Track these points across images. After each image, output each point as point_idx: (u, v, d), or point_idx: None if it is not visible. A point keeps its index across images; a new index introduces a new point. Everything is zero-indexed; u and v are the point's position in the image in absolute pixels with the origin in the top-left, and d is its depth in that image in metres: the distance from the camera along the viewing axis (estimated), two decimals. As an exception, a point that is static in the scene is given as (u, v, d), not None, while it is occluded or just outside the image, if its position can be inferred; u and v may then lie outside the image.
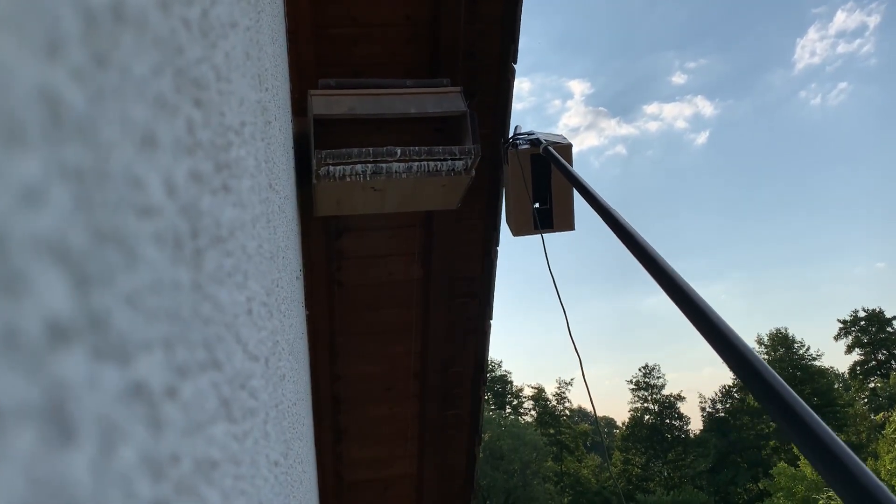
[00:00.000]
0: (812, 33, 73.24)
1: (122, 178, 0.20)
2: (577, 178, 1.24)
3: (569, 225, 1.91)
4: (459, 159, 2.29)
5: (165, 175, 0.26)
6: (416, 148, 2.25)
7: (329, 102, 2.26)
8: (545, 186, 1.83)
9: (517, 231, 1.91)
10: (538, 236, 1.98)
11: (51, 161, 0.15)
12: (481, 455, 3.71)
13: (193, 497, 0.27)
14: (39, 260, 0.15)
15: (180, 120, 0.30)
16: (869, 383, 38.47)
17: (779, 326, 41.53)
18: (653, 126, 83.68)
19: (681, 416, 41.46)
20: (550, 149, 1.59)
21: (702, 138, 79.90)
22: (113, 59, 0.20)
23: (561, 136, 1.68)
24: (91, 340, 0.17)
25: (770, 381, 0.54)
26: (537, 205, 1.87)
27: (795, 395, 0.53)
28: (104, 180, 0.19)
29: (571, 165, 1.72)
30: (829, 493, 20.62)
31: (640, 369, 44.02)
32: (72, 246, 0.16)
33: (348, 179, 2.24)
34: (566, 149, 1.61)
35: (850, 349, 39.30)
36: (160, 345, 0.23)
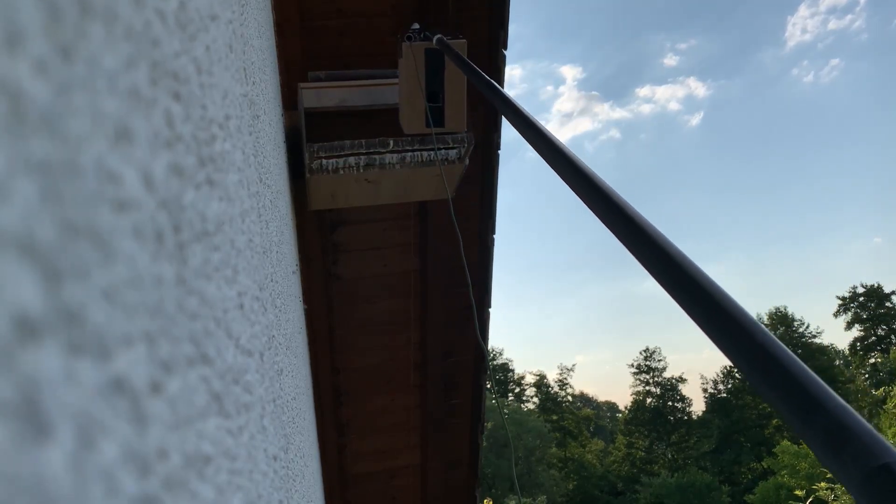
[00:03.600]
0: (803, 10, 73.04)
1: (95, 171, 0.20)
2: (470, 66, 1.23)
3: (460, 124, 1.91)
4: (452, 148, 2.29)
5: (143, 169, 0.26)
6: (409, 138, 2.25)
7: (319, 95, 2.26)
8: (438, 83, 1.83)
9: (408, 128, 1.91)
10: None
11: (13, 154, 0.15)
12: (485, 444, 3.72)
13: (184, 492, 0.27)
14: (5, 255, 0.14)
15: (158, 113, 0.30)
16: (869, 359, 38.62)
17: (778, 305, 41.63)
18: (646, 109, 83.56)
19: (683, 398, 41.62)
20: (444, 39, 1.60)
21: (695, 119, 79.85)
22: (80, 51, 0.20)
23: (460, 36, 1.71)
24: (65, 335, 0.17)
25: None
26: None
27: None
28: (74, 174, 0.19)
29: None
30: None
31: (640, 353, 44.19)
32: (40, 240, 0.16)
33: (341, 172, 2.24)
34: (461, 45, 1.63)
35: (849, 325, 39.44)
36: (142, 339, 0.23)
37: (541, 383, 45.70)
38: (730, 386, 40.22)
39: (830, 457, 0.32)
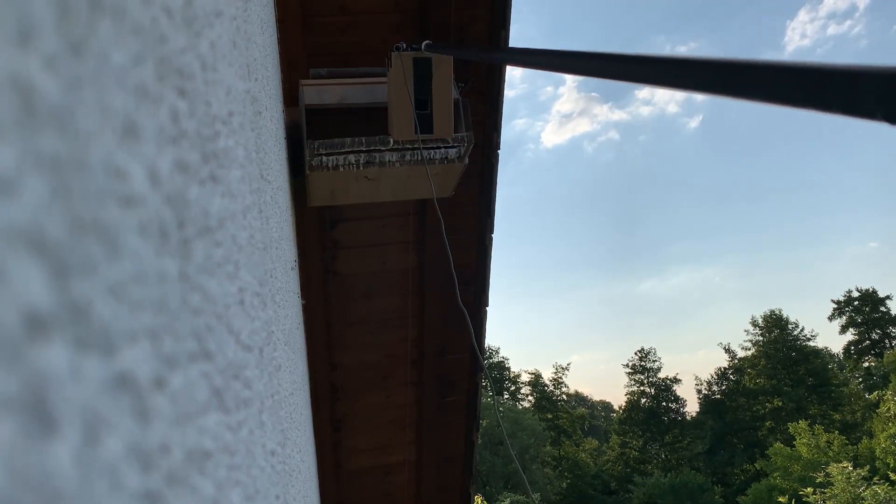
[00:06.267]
0: (802, 15, 73.16)
1: (103, 167, 0.20)
2: (461, 49, 1.30)
3: (448, 131, 1.98)
4: (452, 147, 2.29)
5: (149, 165, 0.26)
6: (409, 136, 2.24)
7: (320, 92, 2.25)
8: (427, 91, 1.89)
9: (398, 135, 1.98)
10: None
11: (25, 151, 0.15)
12: (479, 441, 3.72)
13: (185, 487, 0.27)
14: (15, 250, 0.14)
15: (164, 109, 0.30)
16: (863, 363, 38.71)
17: (773, 308, 41.67)
18: (645, 111, 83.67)
19: (677, 399, 41.68)
20: (430, 42, 1.67)
21: (694, 122, 79.98)
22: (90, 47, 0.20)
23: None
24: (72, 331, 0.17)
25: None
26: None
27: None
28: (83, 170, 0.19)
29: (451, 74, 1.88)
30: (827, 470, 20.77)
31: (635, 353, 44.20)
32: (49, 236, 0.16)
33: (341, 169, 2.23)
34: (447, 59, 1.72)
35: (844, 329, 39.52)
36: (146, 335, 0.23)
37: (536, 382, 45.72)
38: (724, 387, 40.27)
39: (848, 100, 0.37)
